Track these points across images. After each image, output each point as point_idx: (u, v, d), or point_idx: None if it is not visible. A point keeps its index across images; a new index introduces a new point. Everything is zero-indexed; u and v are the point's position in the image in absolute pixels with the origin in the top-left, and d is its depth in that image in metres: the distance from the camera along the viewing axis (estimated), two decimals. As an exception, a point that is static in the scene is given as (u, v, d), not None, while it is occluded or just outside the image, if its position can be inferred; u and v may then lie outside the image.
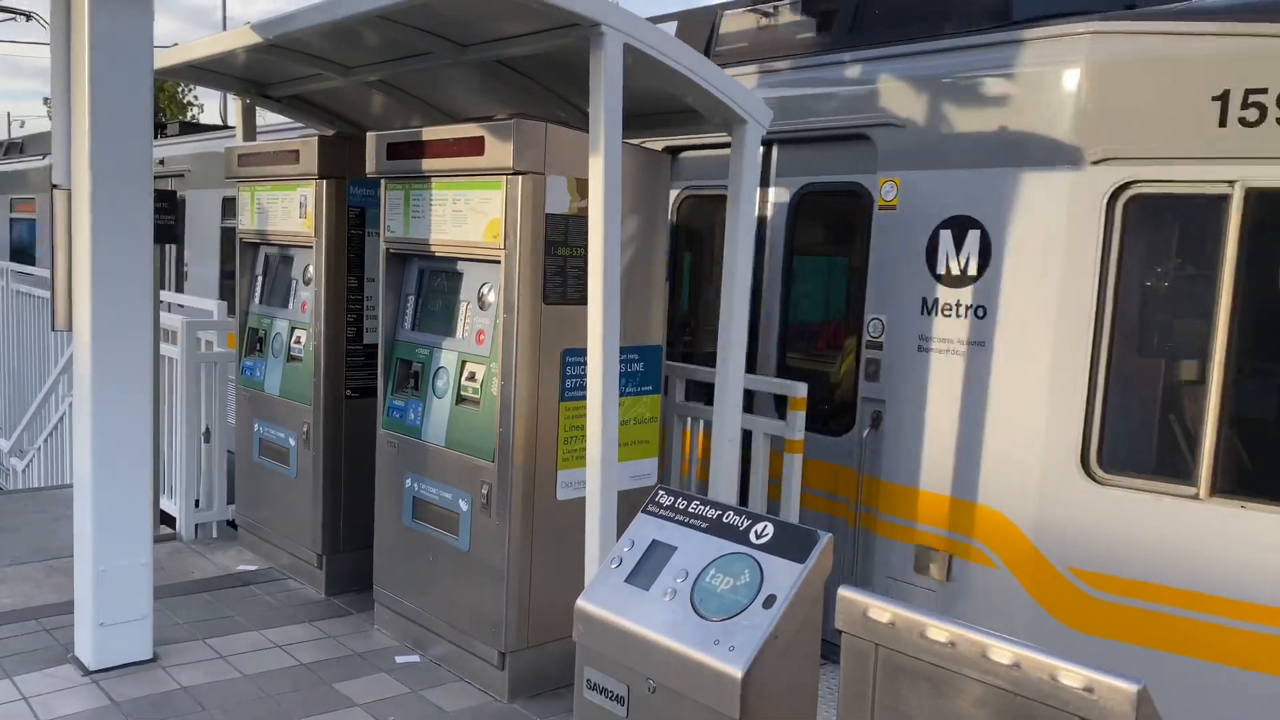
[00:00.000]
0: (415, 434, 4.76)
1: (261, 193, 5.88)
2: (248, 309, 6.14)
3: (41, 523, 6.57)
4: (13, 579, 5.54)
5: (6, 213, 15.53)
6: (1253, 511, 3.75)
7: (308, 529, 5.59)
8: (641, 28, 3.89)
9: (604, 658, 2.83)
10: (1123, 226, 4.08)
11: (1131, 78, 4.00)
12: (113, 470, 4.38)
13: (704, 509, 2.91)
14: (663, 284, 4.81)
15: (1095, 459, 4.12)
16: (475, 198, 4.38)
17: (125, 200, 4.29)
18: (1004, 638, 2.04)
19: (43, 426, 9.45)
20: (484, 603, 4.42)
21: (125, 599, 4.47)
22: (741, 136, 4.44)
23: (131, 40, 4.22)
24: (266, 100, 6.18)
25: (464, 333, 4.63)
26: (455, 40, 4.47)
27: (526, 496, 4.33)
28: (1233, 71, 3.78)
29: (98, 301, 4.27)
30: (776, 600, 2.55)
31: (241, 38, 4.89)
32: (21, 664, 4.49)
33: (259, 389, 5.95)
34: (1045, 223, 4.13)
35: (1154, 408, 4.19)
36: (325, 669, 4.62)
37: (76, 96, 4.23)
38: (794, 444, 4.74)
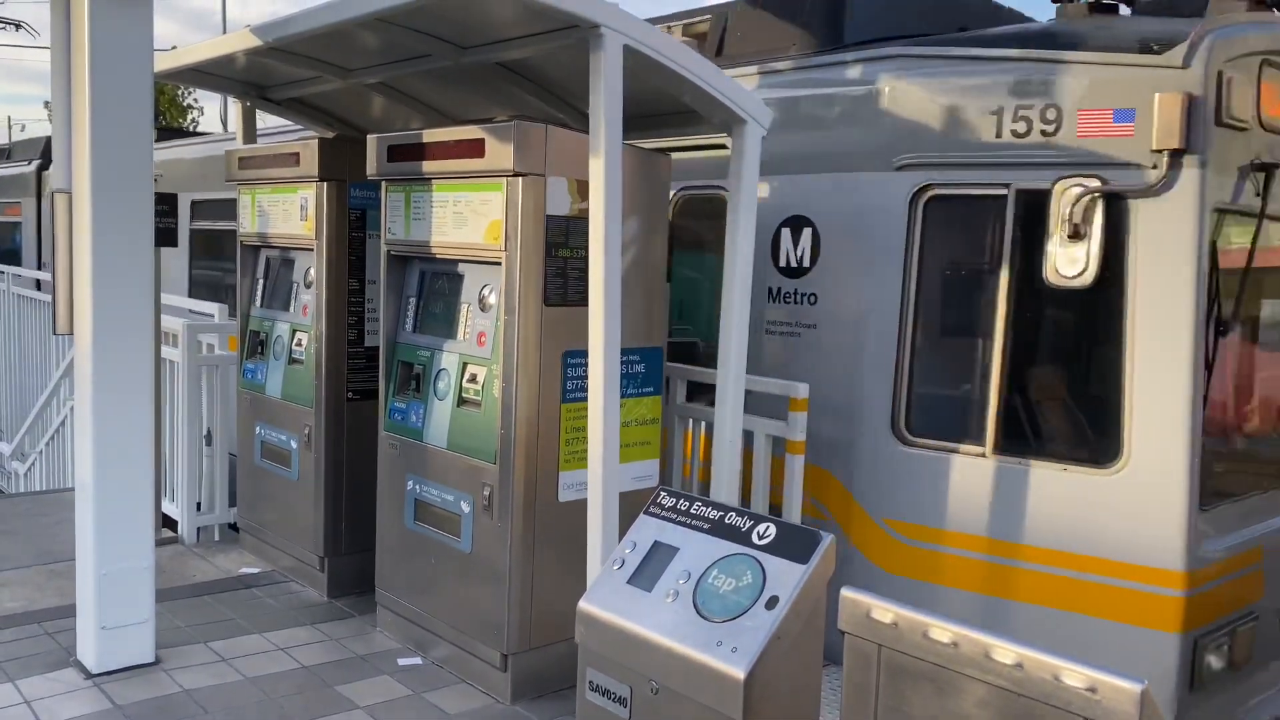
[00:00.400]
0: (417, 436, 4.76)
1: (262, 195, 5.88)
2: (249, 312, 6.14)
3: (43, 526, 6.57)
4: (15, 582, 5.54)
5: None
6: (1028, 467, 4.39)
7: (309, 531, 5.59)
8: (641, 29, 3.89)
9: (606, 659, 2.83)
10: (923, 222, 4.70)
11: (929, 95, 4.63)
12: (114, 473, 4.38)
13: (706, 510, 2.91)
14: (664, 285, 4.81)
15: (904, 424, 4.72)
16: (476, 199, 4.38)
17: (126, 204, 4.30)
18: (1007, 638, 2.04)
19: (44, 430, 9.45)
20: (486, 605, 4.42)
21: (127, 602, 4.47)
22: (741, 137, 4.44)
23: (131, 44, 4.22)
24: (266, 103, 6.18)
25: (465, 335, 4.63)
26: (455, 42, 4.47)
27: (528, 498, 4.33)
28: (1005, 91, 4.48)
29: (99, 305, 4.27)
30: (779, 601, 2.55)
31: (241, 41, 4.88)
32: (24, 668, 4.49)
33: (260, 392, 5.95)
34: (862, 220, 4.71)
35: (950, 380, 4.83)
36: (327, 671, 4.62)
37: (77, 100, 4.24)
38: (795, 445, 4.74)
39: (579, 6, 3.68)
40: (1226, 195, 4.39)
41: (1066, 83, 4.33)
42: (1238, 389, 4.92)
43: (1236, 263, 4.54)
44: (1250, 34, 4.49)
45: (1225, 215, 4.41)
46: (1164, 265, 4.19)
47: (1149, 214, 4.20)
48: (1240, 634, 4.47)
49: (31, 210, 14.78)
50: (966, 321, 4.74)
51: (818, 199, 5.00)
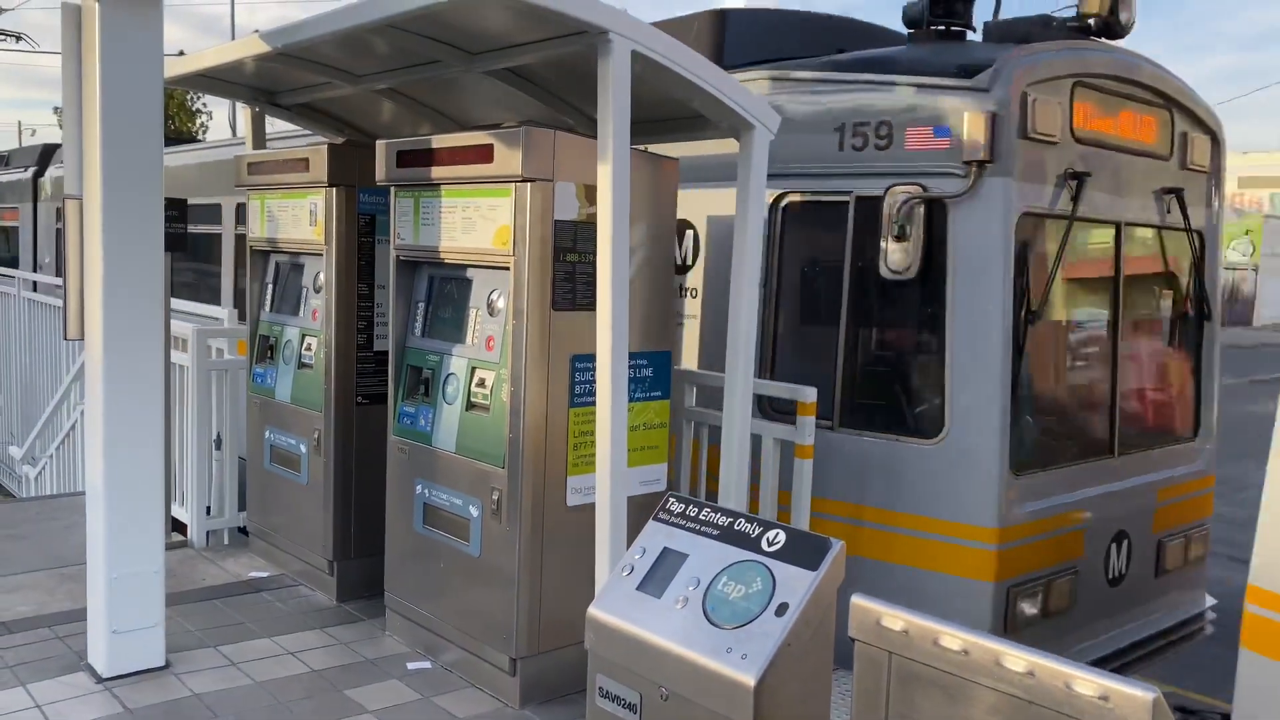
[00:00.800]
0: (426, 440, 4.77)
1: (271, 200, 5.90)
2: (258, 316, 6.16)
3: (54, 530, 6.59)
4: (26, 587, 5.57)
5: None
6: (867, 438, 4.97)
7: (319, 535, 5.61)
8: (649, 34, 3.90)
9: (616, 665, 2.83)
10: (782, 226, 5.32)
11: (786, 115, 5.03)
12: (125, 478, 4.39)
13: (715, 516, 2.91)
14: (672, 289, 4.82)
15: (769, 404, 5.19)
16: (484, 205, 4.39)
17: (136, 209, 4.31)
18: (1018, 646, 2.04)
19: (55, 434, 9.49)
20: (495, 609, 4.43)
21: (138, 606, 4.48)
22: (750, 142, 4.44)
23: (142, 50, 4.24)
24: (275, 109, 6.20)
25: (474, 339, 4.64)
26: (464, 48, 4.48)
27: (536, 502, 4.33)
28: (846, 110, 5.08)
29: (109, 310, 4.29)
30: (789, 608, 2.54)
31: (250, 46, 4.91)
32: (35, 672, 4.51)
33: (270, 396, 5.97)
34: (733, 225, 5.06)
35: (805, 364, 5.34)
36: (337, 675, 4.63)
37: (88, 106, 4.26)
38: (804, 449, 4.74)
39: (587, 12, 3.69)
40: (1034, 200, 4.97)
41: (896, 103, 4.94)
42: (1046, 371, 5.52)
43: (1046, 259, 5.17)
44: (1058, 59, 5.15)
45: (1037, 218, 5.04)
46: (976, 261, 4.80)
47: (963, 217, 4.81)
48: (1055, 586, 5.12)
49: (28, 215, 15.43)
50: (818, 313, 5.42)
51: (699, 205, 5.59)
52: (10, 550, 6.17)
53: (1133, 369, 5.91)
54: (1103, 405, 5.68)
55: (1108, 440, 5.61)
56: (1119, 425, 5.67)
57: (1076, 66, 5.20)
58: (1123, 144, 5.53)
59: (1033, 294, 5.06)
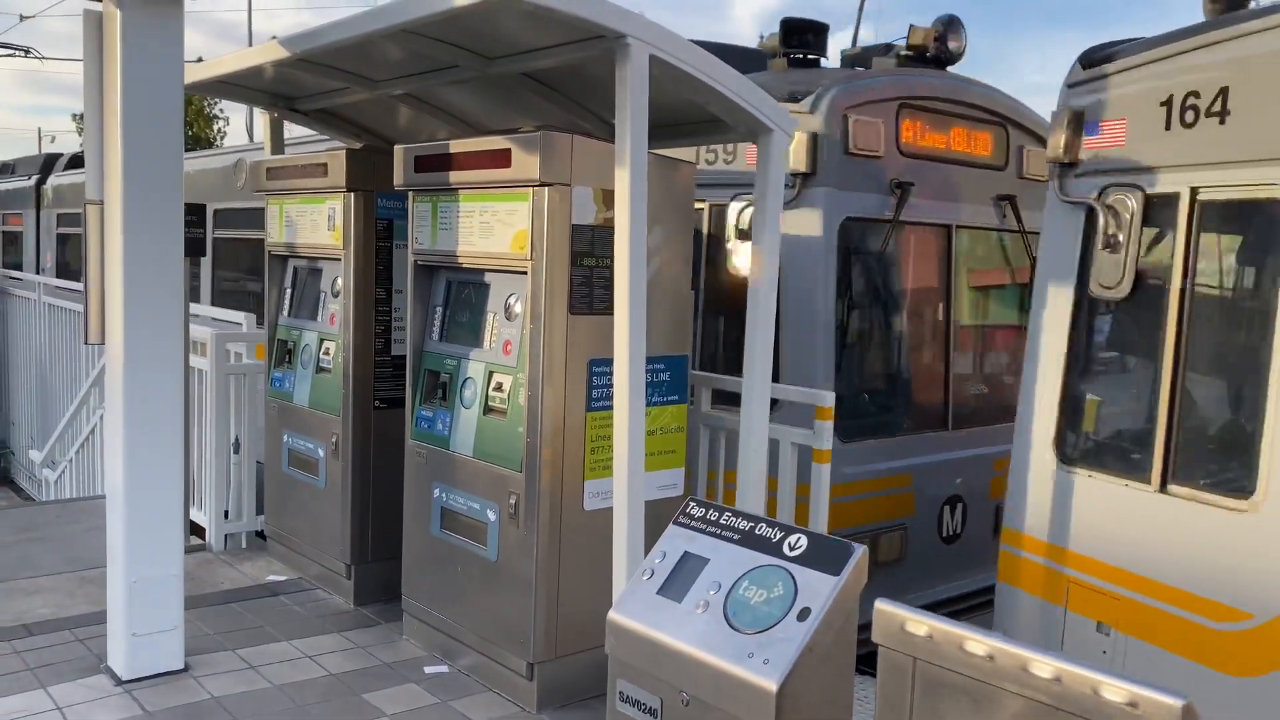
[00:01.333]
0: (443, 444, 4.77)
1: (290, 205, 5.92)
2: (276, 321, 6.18)
3: (74, 534, 6.63)
4: (47, 589, 5.60)
5: (1, 226, 18.13)
6: (723, 414, 5.17)
7: (336, 539, 5.62)
8: (667, 38, 3.90)
9: (636, 670, 2.82)
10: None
11: None
12: (144, 481, 4.41)
13: (736, 520, 2.90)
14: (689, 293, 4.81)
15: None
16: (502, 209, 4.40)
17: (157, 214, 4.34)
18: (1045, 651, 2.02)
19: (74, 438, 9.56)
20: (512, 613, 4.43)
21: (157, 609, 4.50)
22: (768, 145, 4.44)
23: (162, 57, 4.26)
24: (294, 114, 6.23)
25: (491, 343, 4.64)
26: (481, 53, 4.49)
27: (554, 506, 4.33)
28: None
29: (130, 315, 4.31)
30: (811, 613, 2.53)
31: (269, 52, 4.93)
32: (56, 674, 4.53)
33: (288, 400, 5.98)
34: None
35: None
36: (354, 679, 4.64)
37: (108, 112, 4.28)
38: (821, 453, 4.72)
39: (605, 17, 3.69)
40: (858, 208, 5.83)
41: None
42: (874, 354, 6.48)
43: (870, 257, 6.12)
44: (879, 84, 6.04)
45: (862, 222, 5.92)
46: (802, 260, 5.64)
47: (793, 222, 5.57)
48: (884, 540, 5.95)
49: (32, 220, 16.50)
50: (705, 304, 6.21)
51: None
52: (31, 553, 6.21)
53: (968, 354, 6.74)
54: (937, 385, 6.51)
55: (942, 416, 6.45)
56: (952, 404, 6.47)
57: (901, 90, 6.06)
58: (955, 157, 6.42)
59: (855, 287, 6.04)
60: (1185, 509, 4.19)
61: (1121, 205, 4.44)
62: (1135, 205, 4.40)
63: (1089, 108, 4.69)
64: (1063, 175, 4.77)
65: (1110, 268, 4.50)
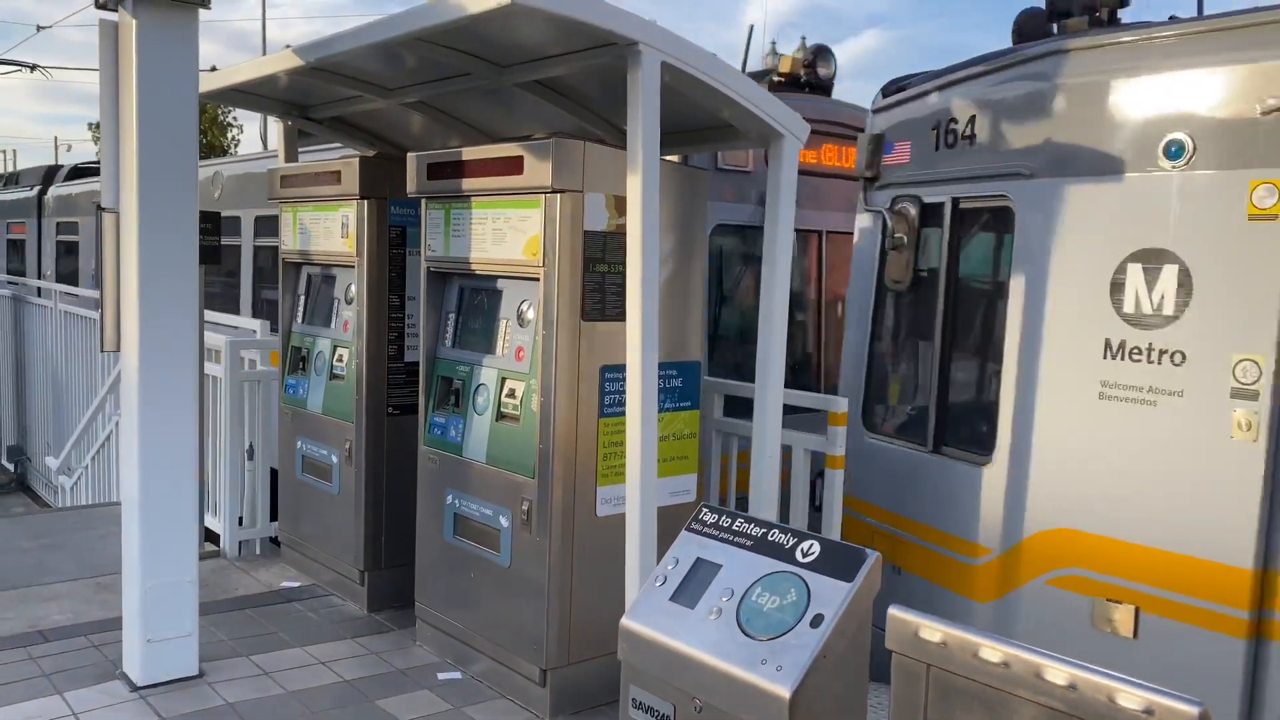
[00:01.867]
0: (456, 450, 4.78)
1: (304, 213, 5.95)
2: (290, 328, 6.21)
3: (89, 540, 6.67)
4: (63, 596, 5.63)
5: (5, 234, 19.36)
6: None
7: (350, 545, 5.63)
8: (679, 45, 3.91)
9: (649, 677, 2.82)
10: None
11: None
12: (159, 488, 4.43)
13: (748, 527, 2.89)
14: (701, 299, 4.82)
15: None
16: (514, 216, 4.41)
17: (171, 222, 4.36)
18: (1059, 658, 2.01)
19: (90, 445, 9.61)
20: (525, 619, 4.43)
21: (172, 615, 4.52)
22: (779, 150, 4.44)
23: (177, 66, 4.29)
24: (308, 122, 6.26)
25: (504, 350, 4.65)
26: (494, 61, 4.51)
27: (566, 513, 4.33)
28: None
29: (145, 322, 4.33)
30: (824, 619, 2.52)
31: (283, 61, 4.96)
32: (71, 680, 4.56)
33: (302, 407, 6.01)
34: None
35: None
36: (368, 685, 4.64)
37: (124, 121, 4.31)
38: (835, 459, 4.71)
39: (617, 24, 3.70)
40: (728, 216, 6.67)
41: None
42: (743, 348, 6.62)
43: (740, 259, 7.22)
44: None
45: (733, 229, 6.71)
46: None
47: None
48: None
49: (34, 228, 17.62)
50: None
51: None
52: (47, 559, 6.24)
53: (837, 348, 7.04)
54: (810, 376, 7.19)
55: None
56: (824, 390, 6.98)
57: None
58: (825, 170, 7.21)
59: (725, 286, 6.75)
60: (949, 467, 4.99)
61: (905, 213, 5.16)
62: (914, 213, 5.14)
63: (887, 130, 5.50)
64: (867, 188, 5.62)
65: (897, 265, 5.24)
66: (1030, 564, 4.54)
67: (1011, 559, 4.62)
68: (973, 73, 5.04)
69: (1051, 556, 4.46)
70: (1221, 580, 3.96)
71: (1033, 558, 4.53)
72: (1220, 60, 4.06)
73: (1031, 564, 4.54)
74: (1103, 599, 4.27)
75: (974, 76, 5.03)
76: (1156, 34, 4.33)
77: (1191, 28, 4.25)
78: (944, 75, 5.22)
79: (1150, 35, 4.35)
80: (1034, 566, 4.53)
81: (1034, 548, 4.53)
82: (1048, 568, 4.48)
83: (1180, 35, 4.25)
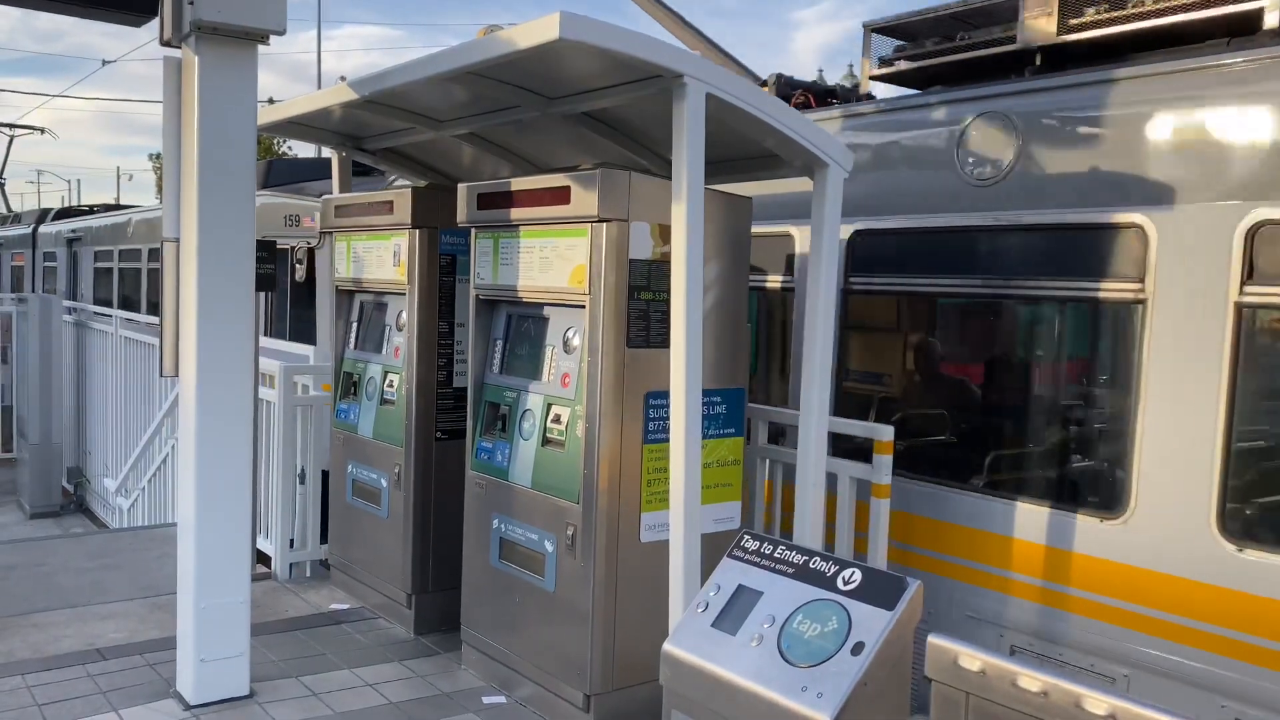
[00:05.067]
0: (502, 475, 4.84)
1: (357, 242, 6.08)
2: (343, 354, 6.33)
3: (146, 560, 6.82)
4: (119, 615, 5.76)
5: (10, 262, 24.08)
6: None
7: (398, 569, 5.70)
8: (723, 77, 3.96)
9: (691, 702, 2.83)
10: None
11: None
12: (215, 510, 4.54)
13: (790, 554, 2.90)
14: (745, 326, 4.84)
15: None
16: (561, 245, 4.48)
17: (230, 250, 4.48)
18: (1100, 688, 2.00)
19: (147, 467, 9.82)
20: (569, 644, 4.45)
21: (225, 635, 4.61)
22: (824, 179, 4.47)
23: (236, 100, 4.43)
24: (361, 153, 6.41)
25: (549, 376, 4.71)
26: (542, 93, 4.60)
27: (610, 538, 4.36)
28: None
29: (203, 347, 4.45)
30: (865, 647, 2.53)
31: (338, 94, 5.09)
32: (126, 698, 4.66)
33: (353, 431, 6.11)
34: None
35: None
36: (414, 708, 4.69)
37: (186, 153, 4.46)
38: (880, 488, 4.69)
39: (663, 58, 3.77)
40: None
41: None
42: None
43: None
44: None
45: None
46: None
47: None
48: None
49: (29, 257, 22.46)
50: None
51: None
52: (105, 579, 6.39)
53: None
54: None
55: None
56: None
57: None
58: None
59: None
60: None
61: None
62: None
63: None
64: None
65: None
66: None
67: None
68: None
69: None
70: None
71: None
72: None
73: None
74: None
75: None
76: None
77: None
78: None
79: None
80: None
81: None
82: None
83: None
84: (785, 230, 5.85)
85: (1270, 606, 3.88)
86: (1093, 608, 4.43)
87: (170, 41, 4.45)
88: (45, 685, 4.75)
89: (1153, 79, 4.39)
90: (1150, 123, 4.36)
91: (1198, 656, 4.07)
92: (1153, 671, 4.20)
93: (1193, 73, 4.26)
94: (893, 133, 5.45)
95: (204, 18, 4.21)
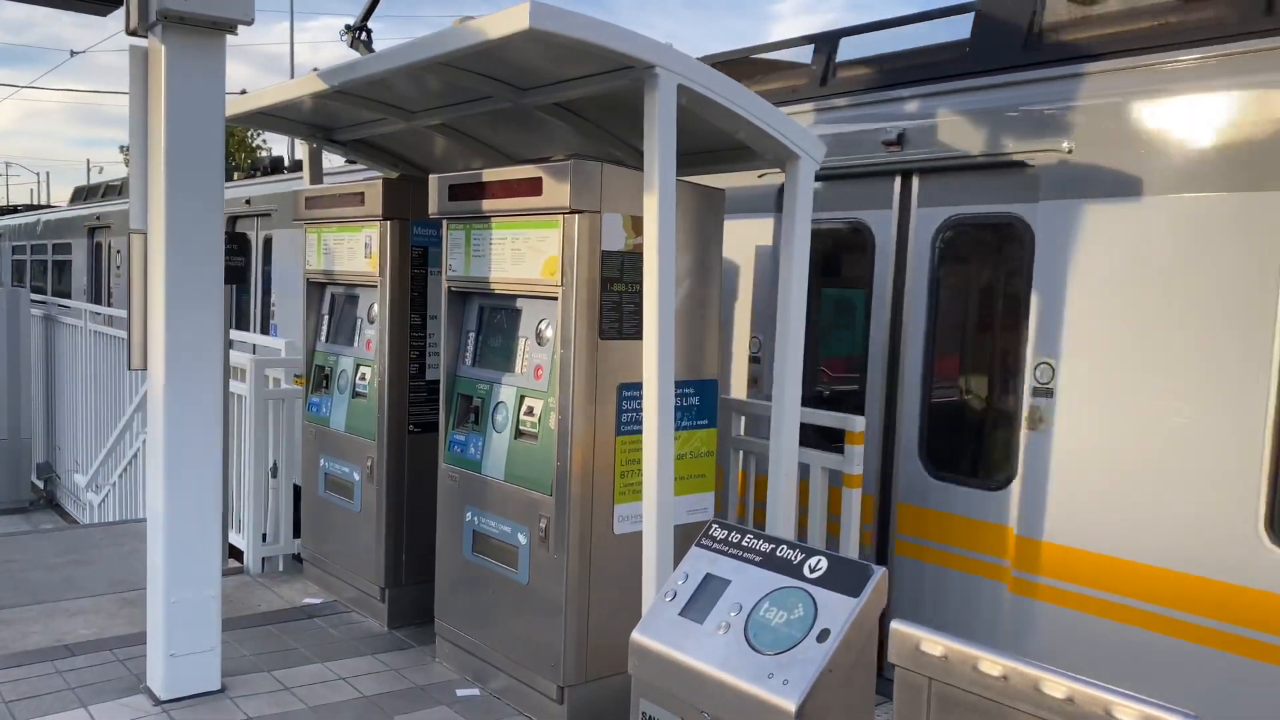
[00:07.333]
0: (475, 468, 4.83)
1: (328, 234, 6.05)
2: (314, 347, 6.30)
3: (117, 556, 6.76)
4: (89, 610, 5.71)
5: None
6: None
7: (371, 562, 5.69)
8: (695, 68, 3.97)
9: (659, 691, 2.85)
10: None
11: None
12: (184, 505, 4.51)
13: (757, 543, 2.92)
14: (717, 318, 4.85)
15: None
16: (533, 236, 4.47)
17: (198, 243, 4.45)
18: (1057, 671, 2.02)
19: (118, 462, 9.75)
20: (543, 636, 4.46)
21: (195, 630, 4.58)
22: (795, 171, 4.48)
23: (205, 90, 4.39)
24: (332, 144, 6.38)
25: (522, 368, 4.71)
26: (514, 84, 4.59)
27: (584, 530, 4.37)
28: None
29: (171, 341, 4.42)
30: (830, 634, 2.55)
31: (308, 85, 5.06)
32: (96, 694, 4.63)
33: (325, 425, 6.09)
34: None
35: None
36: (387, 701, 4.68)
37: (153, 144, 4.42)
38: (852, 478, 4.72)
39: (635, 48, 3.76)
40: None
41: None
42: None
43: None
44: None
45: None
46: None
47: None
48: None
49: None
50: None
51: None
52: (75, 575, 6.34)
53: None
54: None
55: None
56: None
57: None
58: None
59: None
60: None
61: None
62: None
63: None
64: None
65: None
66: None
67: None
68: None
69: None
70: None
71: None
72: None
73: None
74: None
75: None
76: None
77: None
78: None
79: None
80: None
81: None
82: None
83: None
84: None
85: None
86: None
87: (136, 31, 4.40)
88: (14, 682, 4.71)
89: None
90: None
91: None
92: None
93: None
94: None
95: (170, 7, 4.17)
